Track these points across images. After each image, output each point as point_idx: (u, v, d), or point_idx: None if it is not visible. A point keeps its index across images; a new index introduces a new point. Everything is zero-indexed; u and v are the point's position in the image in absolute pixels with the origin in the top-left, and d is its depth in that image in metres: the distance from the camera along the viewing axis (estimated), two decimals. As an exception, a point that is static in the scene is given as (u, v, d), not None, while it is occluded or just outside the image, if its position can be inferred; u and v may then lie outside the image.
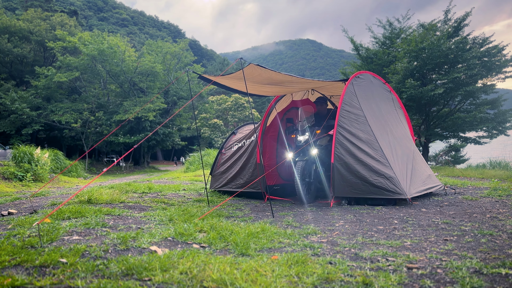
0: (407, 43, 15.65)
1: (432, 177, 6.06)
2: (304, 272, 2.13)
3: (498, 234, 3.13)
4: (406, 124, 6.62)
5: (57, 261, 2.20)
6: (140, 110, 28.42)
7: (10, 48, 32.16)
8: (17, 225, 3.33)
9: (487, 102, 16.40)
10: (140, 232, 3.15)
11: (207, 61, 79.03)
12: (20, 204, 5.14)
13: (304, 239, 3.11)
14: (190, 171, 17.00)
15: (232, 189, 6.61)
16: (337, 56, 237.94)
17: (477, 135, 17.06)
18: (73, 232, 3.06)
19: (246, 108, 34.85)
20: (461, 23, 15.22)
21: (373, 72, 7.45)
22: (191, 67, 36.12)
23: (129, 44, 38.20)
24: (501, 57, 14.93)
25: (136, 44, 55.44)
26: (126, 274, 2.04)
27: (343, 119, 5.43)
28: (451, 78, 14.33)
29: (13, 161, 11.17)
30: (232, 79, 5.79)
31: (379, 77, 6.53)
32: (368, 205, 5.06)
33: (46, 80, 29.00)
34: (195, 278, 1.98)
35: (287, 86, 6.22)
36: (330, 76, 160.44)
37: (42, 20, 36.09)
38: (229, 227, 3.42)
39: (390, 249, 2.72)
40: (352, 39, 18.64)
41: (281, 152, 7.04)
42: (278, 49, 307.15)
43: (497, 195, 5.63)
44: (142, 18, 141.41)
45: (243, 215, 4.61)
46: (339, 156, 5.21)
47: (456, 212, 4.32)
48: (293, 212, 4.84)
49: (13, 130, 29.98)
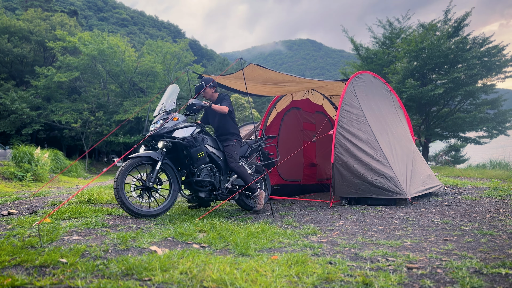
0: (407, 43, 15.65)
1: (432, 177, 6.06)
2: (304, 272, 2.13)
3: (498, 234, 3.13)
4: (406, 124, 6.62)
5: (57, 261, 2.19)
6: (140, 110, 28.42)
7: (10, 48, 32.14)
8: (17, 225, 3.33)
9: (487, 102, 16.41)
10: (140, 232, 3.15)
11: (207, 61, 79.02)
12: (20, 204, 5.14)
13: (304, 239, 3.11)
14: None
15: (232, 189, 6.60)
16: (337, 56, 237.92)
17: (477, 135, 17.07)
18: (73, 232, 3.06)
19: (246, 108, 34.83)
20: (461, 23, 15.23)
21: (373, 72, 7.44)
22: (191, 67, 36.11)
23: (129, 44, 38.18)
24: (501, 57, 14.94)
25: (136, 44, 55.40)
26: (126, 274, 2.04)
27: (343, 119, 5.43)
28: (451, 78, 14.34)
29: (13, 161, 11.17)
30: (232, 79, 5.79)
31: (379, 77, 6.53)
32: (368, 205, 5.06)
33: (46, 80, 28.99)
34: (195, 278, 1.98)
35: (287, 86, 6.22)
36: (330, 76, 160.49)
37: (42, 20, 36.06)
38: (229, 227, 3.43)
39: (390, 249, 2.72)
40: (352, 39, 18.65)
41: (281, 152, 7.03)
42: (278, 49, 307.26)
43: (497, 195, 5.63)
44: (142, 18, 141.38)
45: (243, 215, 4.61)
46: (339, 156, 5.21)
47: (456, 212, 4.32)
48: (293, 212, 4.84)
49: (13, 130, 29.96)
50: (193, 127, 4.43)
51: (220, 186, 4.58)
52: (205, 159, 4.26)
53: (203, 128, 4.66)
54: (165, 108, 4.37)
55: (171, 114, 4.32)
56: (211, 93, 5.03)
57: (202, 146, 4.26)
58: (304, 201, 6.14)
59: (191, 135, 4.27)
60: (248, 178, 4.63)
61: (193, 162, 4.22)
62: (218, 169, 4.62)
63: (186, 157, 4.29)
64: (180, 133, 4.27)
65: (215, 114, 4.88)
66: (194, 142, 4.19)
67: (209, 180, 4.39)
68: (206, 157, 4.27)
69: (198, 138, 4.27)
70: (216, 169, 4.58)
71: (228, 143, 4.74)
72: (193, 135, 4.26)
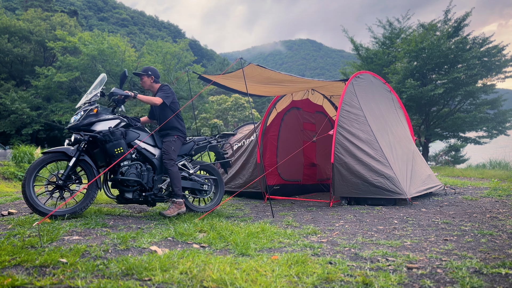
0: (407, 43, 15.66)
1: (432, 177, 6.06)
2: (304, 272, 2.13)
3: (498, 234, 3.13)
4: (406, 124, 6.62)
5: (57, 261, 2.20)
6: (140, 110, 28.42)
7: (10, 48, 32.15)
8: (17, 225, 3.33)
9: (487, 102, 16.41)
10: (140, 232, 3.16)
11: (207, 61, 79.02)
12: (20, 204, 5.14)
13: (304, 239, 3.11)
14: (190, 171, 17.00)
15: (232, 189, 6.61)
16: (337, 56, 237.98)
17: (477, 135, 17.07)
18: (73, 232, 3.06)
19: (246, 108, 34.83)
20: (461, 23, 15.23)
21: (373, 72, 7.45)
22: (191, 67, 36.11)
23: (129, 44, 38.17)
24: (501, 57, 14.94)
25: (136, 44, 55.40)
26: (126, 274, 2.05)
27: (343, 119, 5.43)
28: (451, 78, 14.34)
29: (13, 161, 11.18)
30: (232, 79, 5.79)
31: (379, 77, 6.53)
32: (368, 205, 5.06)
33: (46, 80, 29.01)
34: (195, 278, 1.98)
35: (287, 86, 6.22)
36: (330, 76, 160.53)
37: (42, 20, 36.08)
38: (229, 227, 3.43)
39: (390, 249, 2.72)
40: (352, 39, 18.66)
41: (281, 152, 7.03)
42: (278, 49, 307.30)
43: (497, 195, 5.63)
44: (142, 18, 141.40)
45: (243, 215, 4.61)
46: (339, 156, 5.21)
47: (456, 212, 4.32)
48: (293, 212, 4.84)
49: (13, 130, 29.97)
50: (116, 120, 4.01)
51: (154, 187, 4.12)
52: (127, 155, 3.87)
53: (131, 122, 4.20)
54: (88, 99, 4.01)
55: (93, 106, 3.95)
56: (149, 83, 4.57)
57: (121, 141, 3.82)
58: (304, 201, 6.14)
59: (108, 128, 3.85)
60: (175, 181, 4.12)
61: (110, 158, 3.83)
62: (153, 167, 4.18)
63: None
64: (99, 126, 3.88)
65: (157, 107, 4.46)
66: (111, 136, 3.78)
67: (136, 180, 3.95)
68: (128, 153, 3.87)
69: (116, 132, 3.83)
70: (150, 168, 4.14)
71: (167, 138, 4.31)
72: (110, 129, 3.83)
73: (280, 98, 6.98)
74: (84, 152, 3.82)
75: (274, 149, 6.97)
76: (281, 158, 6.89)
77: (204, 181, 4.59)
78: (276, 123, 7.00)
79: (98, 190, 3.84)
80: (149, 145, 4.23)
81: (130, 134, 4.09)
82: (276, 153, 6.98)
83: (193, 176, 4.50)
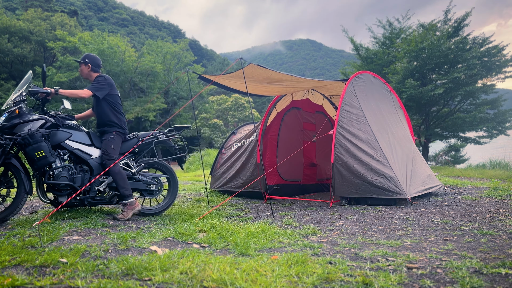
0: (407, 43, 15.65)
1: (432, 177, 6.06)
2: (304, 272, 2.13)
3: (498, 234, 3.13)
4: (406, 124, 6.62)
5: (57, 261, 2.20)
6: (140, 110, 28.43)
7: (10, 48, 32.18)
8: (17, 225, 3.34)
9: (487, 102, 16.40)
10: (140, 232, 3.16)
11: (207, 61, 79.03)
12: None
13: (304, 239, 3.11)
14: (190, 171, 17.00)
15: (232, 189, 6.61)
16: (337, 56, 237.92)
17: (477, 135, 17.06)
18: (73, 232, 3.06)
19: (246, 108, 34.83)
20: (461, 23, 15.22)
21: (373, 72, 7.45)
22: (191, 67, 36.13)
23: (129, 44, 38.19)
24: (501, 57, 14.94)
25: (136, 44, 55.39)
26: (126, 274, 2.05)
27: (343, 119, 5.43)
28: (451, 78, 14.33)
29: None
30: (232, 79, 5.79)
31: (379, 77, 6.54)
32: (368, 205, 5.06)
33: (46, 80, 29.06)
34: (195, 278, 1.98)
35: (287, 86, 6.23)
36: (330, 76, 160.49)
37: (42, 20, 36.10)
38: (229, 227, 3.43)
39: (390, 249, 2.72)
40: (352, 39, 18.65)
41: (281, 152, 7.04)
42: (278, 49, 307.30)
43: (497, 195, 5.63)
44: (142, 18, 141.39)
45: (243, 215, 4.61)
46: (339, 156, 5.21)
47: (456, 212, 4.32)
48: (293, 212, 4.84)
49: (13, 130, 30.00)
50: (41, 121, 3.73)
51: (91, 189, 3.88)
52: (47, 159, 3.57)
53: (59, 122, 3.86)
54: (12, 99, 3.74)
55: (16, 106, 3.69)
56: (86, 72, 4.24)
57: (41, 144, 3.53)
58: (304, 201, 6.14)
59: (28, 131, 3.57)
60: (120, 182, 3.84)
61: (31, 163, 3.58)
62: (90, 168, 3.91)
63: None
64: (22, 128, 3.62)
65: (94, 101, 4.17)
66: (30, 139, 3.50)
67: (67, 183, 3.70)
68: (49, 157, 3.58)
69: (36, 134, 3.54)
70: (87, 169, 3.89)
71: (105, 136, 4.01)
72: (29, 131, 3.55)
73: (280, 98, 6.98)
74: (13, 156, 3.62)
75: (274, 149, 6.97)
76: (281, 158, 6.90)
77: (152, 180, 4.22)
78: (276, 123, 7.00)
79: (26, 195, 3.59)
80: (84, 145, 3.95)
81: (59, 134, 3.81)
82: (276, 153, 6.98)
83: (137, 176, 4.15)
